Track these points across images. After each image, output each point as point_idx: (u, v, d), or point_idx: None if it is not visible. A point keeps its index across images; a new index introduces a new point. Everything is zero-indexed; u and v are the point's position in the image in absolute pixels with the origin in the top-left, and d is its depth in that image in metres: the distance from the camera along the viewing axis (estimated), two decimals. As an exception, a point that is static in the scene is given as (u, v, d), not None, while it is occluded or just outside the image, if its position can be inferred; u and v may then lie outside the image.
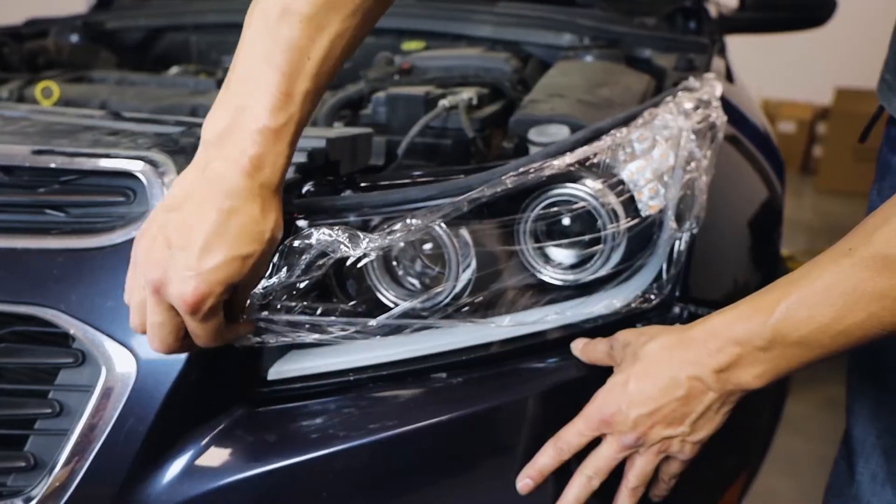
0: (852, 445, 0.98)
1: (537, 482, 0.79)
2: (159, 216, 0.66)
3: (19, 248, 0.79)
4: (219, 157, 0.66)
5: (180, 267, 0.63)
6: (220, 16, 1.73)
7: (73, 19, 1.81)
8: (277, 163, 0.67)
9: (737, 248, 1.14)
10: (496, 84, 1.22)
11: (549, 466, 0.79)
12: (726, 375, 0.74)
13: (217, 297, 0.65)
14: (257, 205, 0.66)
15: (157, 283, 0.64)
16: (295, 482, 0.77)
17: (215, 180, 0.65)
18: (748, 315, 0.73)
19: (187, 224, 0.64)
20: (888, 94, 0.93)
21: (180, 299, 0.63)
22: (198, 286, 0.63)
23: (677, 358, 0.76)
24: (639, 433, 0.76)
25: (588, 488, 0.79)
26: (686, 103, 0.92)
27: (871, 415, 0.95)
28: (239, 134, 0.66)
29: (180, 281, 0.63)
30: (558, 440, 0.79)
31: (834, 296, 0.69)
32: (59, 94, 1.24)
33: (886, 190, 0.95)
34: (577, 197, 0.84)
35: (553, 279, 0.87)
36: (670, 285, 0.89)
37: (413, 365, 0.84)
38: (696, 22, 1.61)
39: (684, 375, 0.75)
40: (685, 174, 0.88)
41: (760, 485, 1.65)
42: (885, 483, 0.94)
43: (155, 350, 0.68)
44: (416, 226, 0.78)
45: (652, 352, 0.77)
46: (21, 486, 0.77)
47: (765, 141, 1.50)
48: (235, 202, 0.64)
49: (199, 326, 0.66)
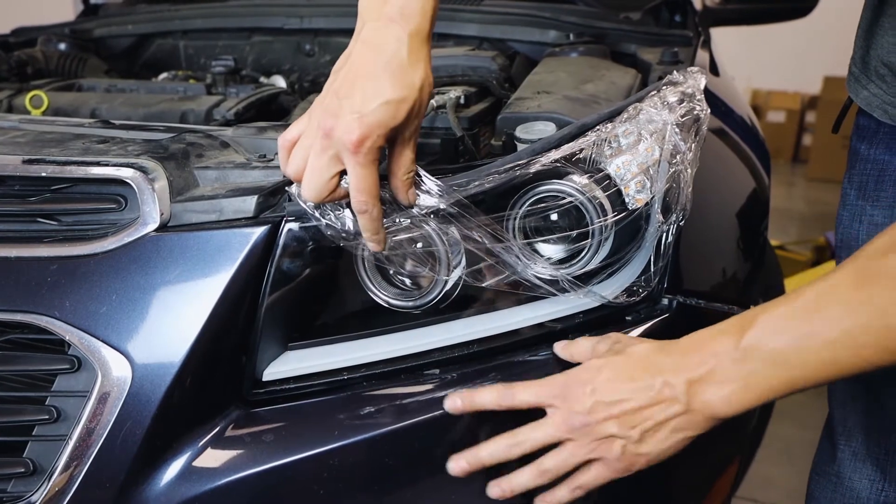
0: (834, 425, 1.01)
1: (471, 461, 0.77)
2: (331, 77, 0.75)
3: (12, 257, 0.79)
4: (370, 18, 0.75)
5: (346, 112, 0.71)
6: (207, 21, 1.73)
7: (60, 27, 1.82)
8: (425, 10, 0.74)
9: (724, 239, 1.15)
10: (483, 82, 1.23)
11: (487, 403, 0.78)
12: (696, 388, 0.72)
13: (375, 140, 0.71)
14: (406, 53, 0.73)
15: (327, 128, 0.72)
16: (291, 481, 0.78)
17: (369, 37, 0.74)
18: (729, 327, 0.73)
19: (349, 78, 0.73)
20: (855, 85, 0.97)
21: (346, 137, 0.71)
22: (360, 125, 0.70)
23: (657, 362, 0.75)
24: (589, 419, 0.74)
25: (507, 455, 0.77)
26: (670, 97, 0.93)
27: (850, 396, 0.99)
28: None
29: (346, 122, 0.71)
30: (507, 390, 0.78)
31: (811, 308, 0.69)
32: (49, 102, 1.25)
33: (855, 177, 0.98)
34: (564, 192, 0.85)
35: (543, 274, 0.88)
36: (658, 277, 0.90)
37: (406, 362, 0.85)
38: (681, 15, 1.62)
39: (659, 380, 0.74)
40: (670, 167, 0.89)
41: (755, 472, 1.67)
42: (866, 460, 0.97)
43: (304, 195, 0.75)
44: (406, 224, 0.79)
45: (637, 351, 0.77)
46: (21, 491, 0.77)
47: (750, 132, 1.51)
48: (386, 52, 0.73)
49: (358, 171, 0.72)
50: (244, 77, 1.51)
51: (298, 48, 1.69)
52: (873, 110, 0.94)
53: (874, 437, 0.98)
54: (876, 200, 0.95)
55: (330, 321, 0.88)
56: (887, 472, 0.97)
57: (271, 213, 0.82)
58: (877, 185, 0.95)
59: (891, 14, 0.90)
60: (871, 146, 0.96)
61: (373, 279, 0.85)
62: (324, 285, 0.87)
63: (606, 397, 0.75)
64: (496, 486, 0.79)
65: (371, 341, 0.86)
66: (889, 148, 0.94)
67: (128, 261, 0.78)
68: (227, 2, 1.82)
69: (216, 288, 0.78)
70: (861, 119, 0.98)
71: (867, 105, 0.95)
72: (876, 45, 0.92)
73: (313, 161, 0.74)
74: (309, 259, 0.82)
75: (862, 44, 0.96)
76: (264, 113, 1.25)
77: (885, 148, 0.95)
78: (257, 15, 1.71)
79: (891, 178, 0.94)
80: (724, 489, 1.13)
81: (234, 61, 1.46)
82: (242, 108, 1.19)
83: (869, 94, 0.95)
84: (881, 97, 0.92)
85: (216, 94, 1.36)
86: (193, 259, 0.78)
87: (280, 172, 0.84)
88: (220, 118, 1.17)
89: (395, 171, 0.77)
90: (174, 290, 0.78)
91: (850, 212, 0.99)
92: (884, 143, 0.95)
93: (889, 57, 0.90)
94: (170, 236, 0.79)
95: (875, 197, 0.95)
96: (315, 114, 0.75)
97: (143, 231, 0.79)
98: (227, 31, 1.74)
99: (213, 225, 0.80)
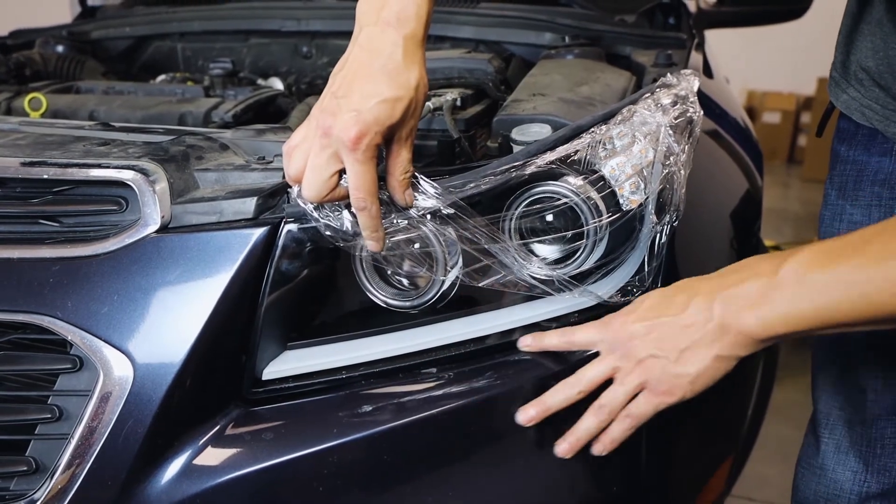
0: (818, 419, 1.03)
1: (538, 408, 0.82)
2: (329, 81, 0.77)
3: (15, 258, 0.80)
4: (367, 23, 0.77)
5: (344, 110, 0.73)
6: (205, 23, 1.74)
7: (58, 29, 1.82)
8: (420, 15, 0.77)
9: (717, 240, 1.16)
10: (479, 85, 1.24)
11: (554, 344, 0.84)
12: (731, 306, 0.75)
13: (373, 137, 0.73)
14: (401, 55, 0.76)
15: (326, 126, 0.74)
16: (291, 478, 0.79)
17: (366, 41, 0.76)
18: (771, 256, 0.76)
19: (347, 79, 0.75)
20: (836, 89, 1.01)
21: (345, 134, 0.72)
22: (358, 122, 0.72)
23: (695, 284, 0.79)
24: (629, 343, 0.79)
25: (569, 397, 0.81)
26: (664, 99, 0.94)
27: (833, 389, 1.01)
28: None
29: (344, 121, 0.73)
30: (567, 333, 0.84)
31: (855, 245, 0.71)
32: (48, 104, 1.25)
33: (836, 178, 1.02)
34: (559, 194, 0.86)
35: (539, 274, 0.89)
36: (652, 277, 0.91)
37: (403, 361, 0.86)
38: (675, 18, 1.63)
39: (695, 300, 0.77)
40: (664, 168, 0.90)
41: (751, 471, 1.68)
42: (849, 451, 0.99)
43: (305, 195, 0.76)
44: (404, 225, 0.80)
45: (679, 282, 0.82)
46: (24, 489, 0.78)
47: (743, 134, 1.52)
48: (382, 55, 0.75)
49: (356, 168, 0.74)
50: (242, 79, 1.52)
51: (296, 50, 1.70)
52: (852, 113, 0.97)
53: (857, 430, 1.00)
54: (855, 200, 0.99)
55: (328, 321, 0.89)
56: (870, 463, 0.99)
57: (270, 214, 0.83)
58: (855, 185, 0.99)
59: (868, 21, 0.93)
60: (851, 148, 0.99)
61: (370, 279, 0.86)
62: (322, 286, 0.88)
63: (645, 320, 0.79)
64: (563, 442, 0.83)
65: (369, 341, 0.87)
66: (867, 149, 0.97)
67: (129, 262, 0.79)
68: (224, 4, 1.83)
69: (216, 288, 0.79)
70: (841, 122, 1.02)
71: (846, 108, 0.98)
72: (855, 50, 0.96)
73: (312, 160, 0.75)
74: (308, 260, 0.83)
75: (842, 49, 0.99)
76: (262, 115, 1.26)
77: (864, 149, 0.98)
78: (255, 17, 1.72)
79: (868, 178, 0.97)
80: (717, 487, 1.14)
81: (232, 63, 1.47)
82: (241, 110, 1.20)
83: (848, 97, 0.98)
84: (859, 100, 0.96)
85: (214, 96, 1.36)
86: (194, 260, 0.79)
87: (279, 174, 0.85)
88: (219, 120, 1.18)
89: (393, 171, 0.78)
90: (175, 291, 0.79)
91: (830, 211, 1.02)
92: (862, 144, 0.98)
93: (867, 61, 0.93)
94: (170, 237, 0.80)
95: (854, 196, 0.99)
96: (314, 116, 0.76)
97: (144, 232, 0.80)
98: (224, 34, 1.75)
99: (214, 226, 0.81)
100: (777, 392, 1.67)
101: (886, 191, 0.96)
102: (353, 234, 0.79)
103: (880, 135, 0.95)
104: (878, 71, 0.93)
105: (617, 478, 0.91)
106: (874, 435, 0.98)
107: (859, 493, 1.00)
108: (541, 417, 0.82)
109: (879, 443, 0.98)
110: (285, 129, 0.99)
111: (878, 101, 0.94)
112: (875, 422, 0.98)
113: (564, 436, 0.83)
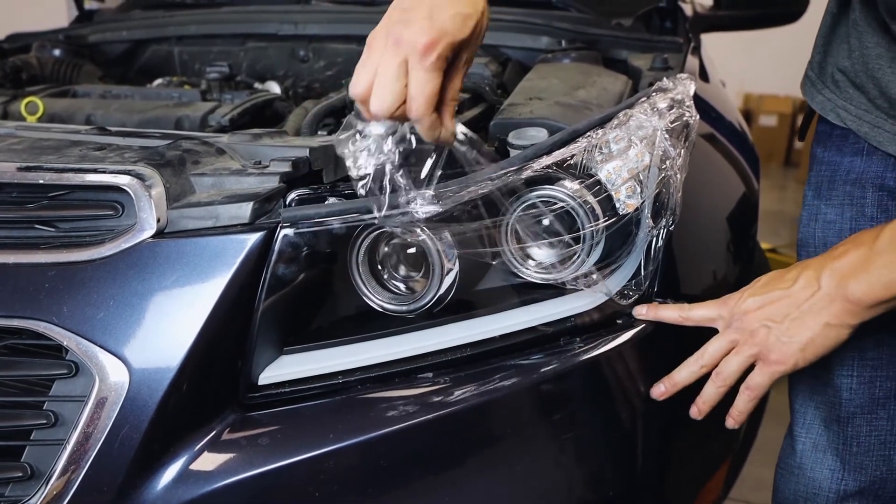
0: (794, 418, 1.04)
1: (668, 384, 0.89)
2: (393, 4, 0.78)
3: (10, 263, 0.80)
4: None
5: (417, 19, 0.74)
6: (202, 27, 1.74)
7: (54, 33, 1.82)
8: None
9: (714, 243, 1.16)
10: (476, 89, 1.24)
11: (670, 317, 0.90)
12: (836, 273, 0.80)
13: (444, 48, 0.74)
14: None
15: (397, 35, 0.74)
16: (287, 483, 0.79)
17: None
18: (877, 227, 0.80)
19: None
20: (811, 90, 1.02)
21: (418, 40, 0.73)
22: (432, 29, 0.73)
23: (807, 262, 0.84)
24: (744, 316, 0.84)
25: (696, 372, 0.88)
26: (660, 103, 0.94)
27: (809, 389, 1.02)
28: None
29: (417, 28, 0.74)
30: (685, 309, 0.90)
31: None
32: (44, 109, 1.25)
33: (812, 178, 1.04)
34: (556, 198, 0.86)
35: (535, 278, 0.89)
36: (648, 281, 0.91)
37: (400, 366, 0.86)
38: (672, 22, 1.63)
39: (805, 272, 0.82)
40: (660, 172, 0.90)
41: (748, 474, 1.68)
42: (826, 450, 1.00)
43: (374, 109, 0.75)
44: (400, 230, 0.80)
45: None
46: (19, 495, 0.78)
47: (740, 137, 1.53)
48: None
49: (422, 76, 0.74)
50: (239, 83, 1.52)
51: (293, 54, 1.70)
52: (827, 114, 0.99)
53: (833, 429, 1.00)
54: (829, 200, 1.01)
55: (325, 325, 0.89)
56: (846, 462, 0.99)
57: (267, 219, 0.82)
58: (829, 186, 1.01)
59: (846, 23, 0.94)
60: (826, 149, 1.02)
61: (367, 284, 0.86)
62: (319, 290, 0.88)
63: (758, 295, 0.85)
64: (693, 407, 0.90)
65: (365, 345, 0.87)
66: (840, 150, 0.99)
67: (125, 267, 0.79)
68: (221, 8, 1.83)
69: (212, 293, 0.79)
70: (819, 125, 1.04)
71: (822, 109, 1.00)
72: (832, 51, 0.97)
73: (382, 71, 0.75)
74: (304, 264, 0.83)
75: (820, 49, 1.01)
76: (259, 119, 1.26)
77: (837, 150, 1.00)
78: (251, 21, 1.72)
79: (841, 178, 0.99)
80: (715, 490, 1.14)
81: (229, 67, 1.47)
82: (237, 114, 1.20)
83: (823, 98, 1.00)
84: (834, 101, 0.98)
85: (211, 100, 1.36)
86: (190, 265, 0.79)
87: (275, 179, 0.85)
88: (216, 124, 1.18)
89: (444, 96, 0.78)
90: (171, 296, 0.79)
91: (808, 212, 1.04)
92: (835, 145, 1.00)
93: (843, 62, 0.95)
94: (166, 242, 0.80)
95: (828, 196, 1.01)
96: (381, 31, 0.76)
97: (140, 237, 0.80)
98: (221, 38, 1.75)
99: (210, 231, 0.81)
100: (774, 395, 1.67)
101: (858, 189, 0.98)
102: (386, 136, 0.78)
103: (853, 135, 0.97)
104: (853, 70, 0.95)
105: (614, 480, 0.91)
106: (850, 433, 0.99)
107: (837, 492, 1.00)
108: (670, 393, 0.89)
109: (855, 441, 0.99)
110: (282, 134, 0.99)
111: (851, 101, 0.96)
112: (850, 420, 0.99)
113: (694, 403, 0.90)
